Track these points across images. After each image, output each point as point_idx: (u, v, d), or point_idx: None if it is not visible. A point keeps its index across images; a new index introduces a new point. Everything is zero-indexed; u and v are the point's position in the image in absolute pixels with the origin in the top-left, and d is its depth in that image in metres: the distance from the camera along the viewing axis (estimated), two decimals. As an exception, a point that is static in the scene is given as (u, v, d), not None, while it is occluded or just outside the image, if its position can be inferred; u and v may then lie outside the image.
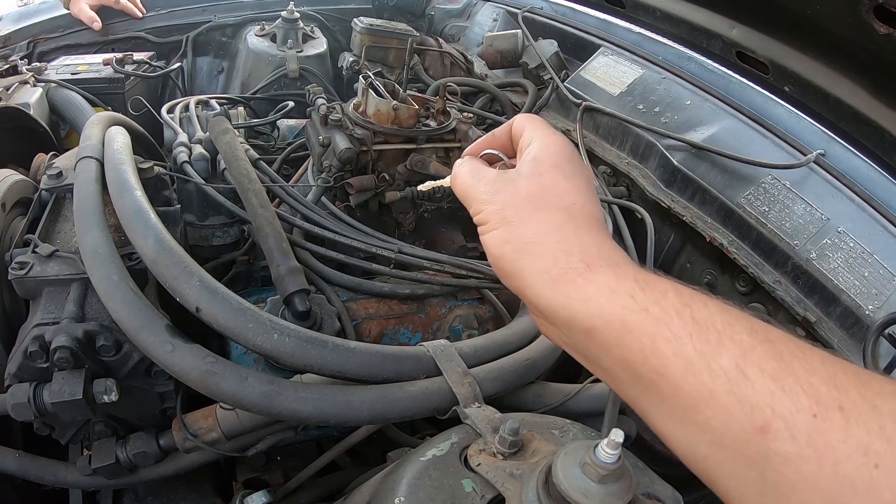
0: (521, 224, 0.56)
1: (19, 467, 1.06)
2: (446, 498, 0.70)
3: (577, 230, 0.54)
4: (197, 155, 1.35)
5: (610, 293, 0.48)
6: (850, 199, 1.31)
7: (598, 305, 0.48)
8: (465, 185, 0.63)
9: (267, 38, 2.28)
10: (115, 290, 0.92)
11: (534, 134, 0.62)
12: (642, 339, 0.46)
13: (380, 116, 1.40)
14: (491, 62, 2.12)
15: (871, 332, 1.07)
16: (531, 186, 0.58)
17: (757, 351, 0.42)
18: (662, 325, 0.45)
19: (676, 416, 0.45)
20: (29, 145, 1.52)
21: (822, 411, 0.38)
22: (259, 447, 1.07)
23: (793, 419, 0.38)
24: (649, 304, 0.46)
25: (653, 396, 0.46)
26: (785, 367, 0.40)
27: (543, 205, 0.56)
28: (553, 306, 0.52)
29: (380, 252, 1.24)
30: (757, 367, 0.41)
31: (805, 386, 0.39)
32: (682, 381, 0.43)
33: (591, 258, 0.52)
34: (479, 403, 0.92)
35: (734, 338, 0.43)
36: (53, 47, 2.18)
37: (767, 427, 0.39)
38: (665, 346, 0.44)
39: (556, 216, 0.55)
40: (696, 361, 0.43)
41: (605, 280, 0.50)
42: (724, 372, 0.42)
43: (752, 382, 0.40)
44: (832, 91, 1.23)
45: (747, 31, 1.36)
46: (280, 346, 0.90)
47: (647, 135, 1.60)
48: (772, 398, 0.39)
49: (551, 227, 0.54)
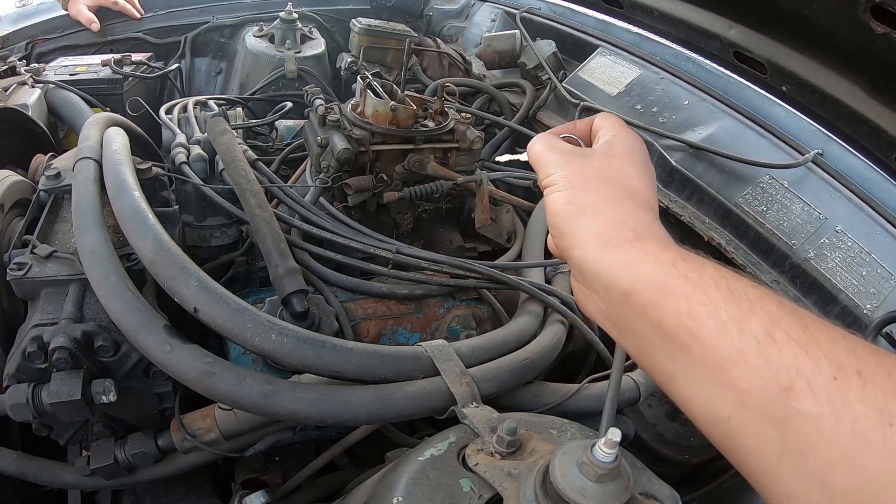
0: (586, 190, 0.61)
1: (18, 468, 1.06)
2: (444, 497, 0.70)
3: (634, 207, 0.59)
4: (195, 156, 1.35)
5: (654, 259, 0.52)
6: (847, 198, 1.31)
7: (641, 269, 0.52)
8: (540, 153, 0.67)
9: (265, 39, 2.28)
10: (114, 291, 0.92)
11: (612, 127, 0.68)
12: (679, 301, 0.49)
13: (378, 117, 1.40)
14: (489, 63, 2.12)
15: (870, 331, 1.07)
16: (601, 163, 0.64)
17: (784, 320, 0.45)
18: (700, 291, 0.48)
19: (704, 377, 0.47)
20: (27, 146, 1.52)
21: (842, 374, 0.40)
22: (257, 447, 1.07)
23: (815, 380, 0.41)
24: (689, 272, 0.50)
25: (682, 358, 0.49)
26: (810, 335, 0.43)
27: (609, 180, 0.62)
28: (598, 267, 0.55)
29: (378, 252, 1.24)
30: (784, 332, 0.44)
31: (827, 352, 0.42)
32: (713, 341, 0.46)
33: (642, 231, 0.56)
34: (477, 403, 0.92)
35: (765, 307, 0.46)
36: (52, 48, 2.18)
37: (791, 386, 0.42)
38: (700, 309, 0.48)
39: (619, 192, 0.61)
40: (729, 324, 0.46)
41: (651, 248, 0.54)
42: (754, 335, 0.44)
43: (778, 346, 0.43)
44: (830, 91, 1.23)
45: (745, 31, 1.36)
46: (278, 347, 0.91)
47: (645, 135, 1.60)
48: (796, 360, 0.42)
49: (612, 199, 0.60)
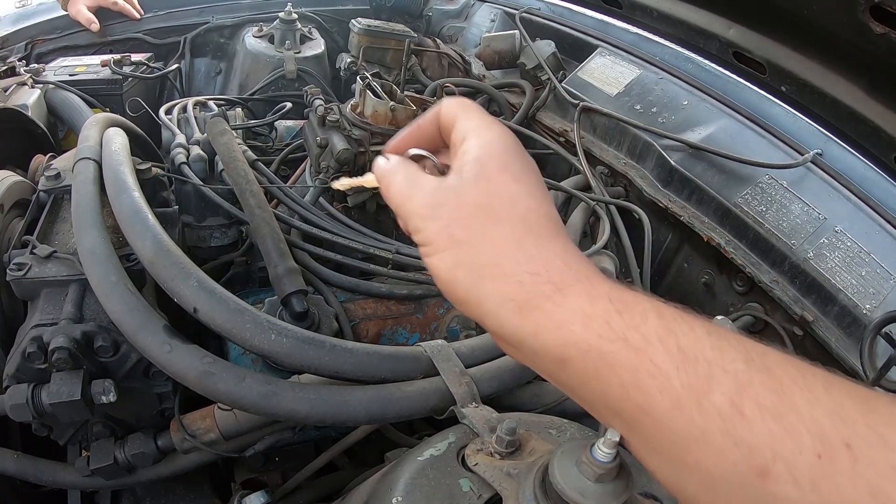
0: (474, 243, 0.48)
1: (18, 468, 1.06)
2: (444, 498, 0.70)
3: (538, 242, 0.48)
4: (195, 156, 1.36)
5: (584, 319, 0.43)
6: (847, 198, 1.31)
7: (571, 333, 0.43)
8: (399, 196, 0.53)
9: (265, 40, 2.28)
10: (113, 291, 0.93)
11: (469, 126, 0.53)
12: (622, 372, 0.41)
13: (377, 117, 1.40)
14: (488, 63, 2.12)
15: (869, 331, 1.07)
16: (479, 195, 0.49)
17: (754, 383, 0.38)
18: (644, 357, 0.40)
19: (663, 455, 0.41)
20: (27, 146, 1.52)
21: (827, 451, 0.35)
22: (257, 448, 1.08)
23: (795, 461, 0.35)
24: (628, 332, 0.41)
25: (636, 433, 0.42)
26: (786, 400, 0.37)
27: (496, 217, 0.49)
28: (520, 335, 0.46)
29: (377, 253, 1.24)
30: (755, 402, 0.37)
31: (808, 422, 0.36)
32: (668, 420, 0.39)
33: (560, 276, 0.46)
34: (476, 403, 0.92)
35: (727, 368, 0.38)
36: (51, 48, 2.17)
37: (767, 471, 0.36)
38: (649, 382, 0.40)
39: (513, 229, 0.48)
40: (685, 398, 0.38)
41: (577, 303, 0.44)
42: (718, 410, 0.37)
43: (749, 421, 0.37)
44: (829, 91, 1.23)
45: (744, 31, 1.36)
46: (278, 347, 0.91)
47: (645, 135, 1.61)
48: (772, 439, 0.36)
49: (509, 244, 0.47)
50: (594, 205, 1.53)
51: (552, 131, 1.86)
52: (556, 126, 1.85)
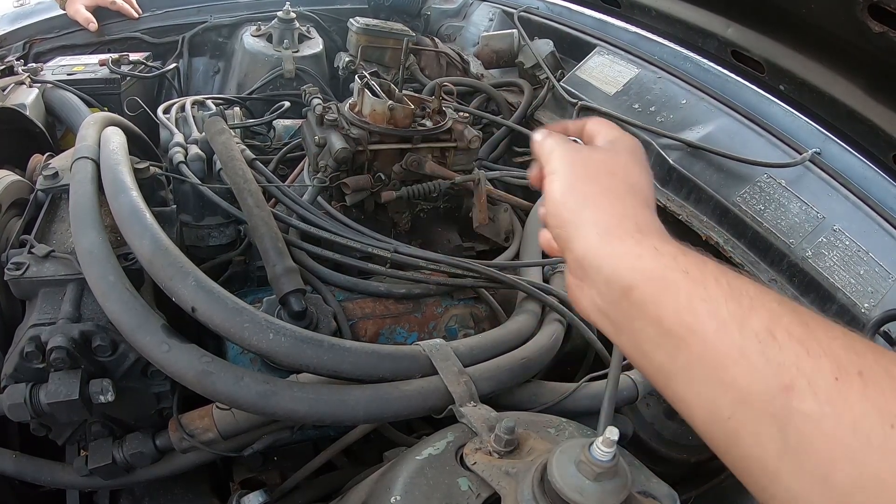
0: (589, 181, 0.61)
1: (16, 468, 1.06)
2: (442, 497, 0.70)
3: (635, 203, 0.59)
4: (193, 155, 1.35)
5: (655, 253, 0.52)
6: (845, 197, 1.31)
7: (642, 262, 0.52)
8: (546, 143, 0.67)
9: (263, 39, 2.28)
10: (111, 291, 0.92)
11: (612, 130, 0.69)
12: (679, 296, 0.48)
13: (375, 116, 1.40)
14: (487, 62, 2.12)
15: (867, 330, 1.08)
16: (605, 157, 0.64)
17: (785, 317, 0.44)
18: (700, 287, 0.48)
19: (703, 375, 0.46)
20: (25, 146, 1.52)
21: (842, 375, 0.40)
22: (255, 447, 1.07)
23: (816, 379, 0.41)
24: (689, 267, 0.49)
25: (681, 356, 0.48)
26: (810, 332, 0.43)
27: (613, 173, 0.61)
28: (599, 258, 0.55)
29: (376, 252, 1.24)
30: (785, 330, 0.43)
31: (828, 350, 0.41)
32: (714, 338, 0.46)
33: (644, 225, 0.56)
34: (474, 402, 0.92)
35: (765, 304, 0.45)
36: (49, 48, 2.17)
37: (792, 385, 0.41)
38: (700, 305, 0.47)
39: (622, 186, 0.61)
40: (729, 321, 0.45)
41: (652, 242, 0.53)
42: (755, 333, 0.44)
43: (780, 344, 0.43)
44: (827, 90, 1.23)
45: (742, 30, 1.37)
46: (276, 346, 0.91)
47: (643, 134, 1.61)
48: (797, 359, 0.42)
49: (615, 192, 0.60)
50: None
51: (551, 130, 1.86)
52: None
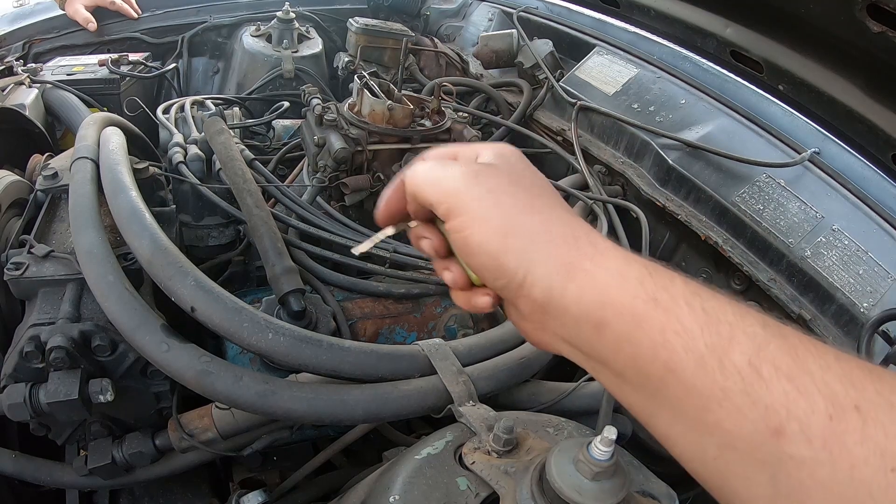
0: (517, 208, 0.49)
1: (16, 468, 1.06)
2: (441, 496, 0.70)
3: (570, 213, 0.51)
4: (192, 155, 1.36)
5: (621, 280, 0.45)
6: (844, 197, 1.31)
7: (609, 295, 0.45)
8: (429, 173, 0.52)
9: (262, 39, 2.28)
10: (111, 291, 0.92)
11: (480, 145, 0.56)
12: (652, 332, 0.43)
13: (375, 116, 1.40)
14: (486, 62, 2.12)
15: (866, 330, 1.07)
16: (512, 173, 0.51)
17: (771, 346, 0.40)
18: (672, 317, 0.42)
19: (686, 418, 0.42)
20: (25, 146, 1.52)
21: (838, 412, 0.36)
22: (255, 447, 1.08)
23: (808, 421, 0.37)
24: (658, 292, 0.43)
25: (662, 398, 0.44)
26: (800, 364, 0.38)
27: (534, 189, 0.51)
28: (566, 300, 0.46)
29: (375, 252, 1.24)
30: (771, 364, 0.39)
31: (820, 385, 0.37)
32: (693, 378, 0.41)
33: (597, 238, 0.48)
34: (473, 402, 0.92)
35: (747, 330, 0.40)
36: (49, 48, 2.17)
37: (782, 429, 0.37)
38: (675, 340, 0.42)
39: (551, 201, 0.51)
40: (708, 357, 0.40)
41: (614, 264, 0.46)
42: (738, 370, 0.39)
43: (766, 382, 0.38)
44: (826, 89, 1.23)
45: (741, 30, 1.36)
46: (275, 346, 0.91)
47: (642, 134, 1.61)
48: (787, 398, 0.38)
49: (552, 211, 0.49)
50: (592, 204, 1.53)
51: (550, 130, 1.86)
52: (553, 125, 1.85)
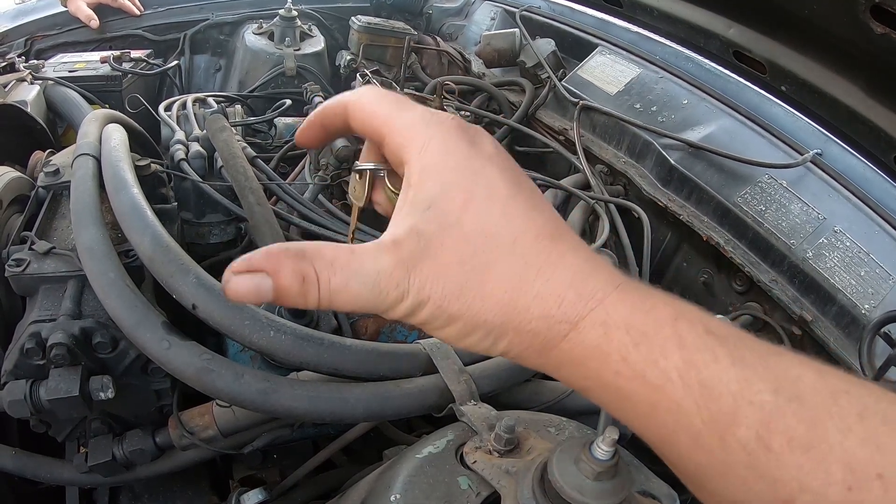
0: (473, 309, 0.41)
1: (16, 465, 1.06)
2: (442, 495, 0.70)
3: (541, 275, 0.41)
4: (194, 153, 1.35)
5: (601, 356, 0.40)
6: (846, 198, 1.31)
7: (588, 371, 0.41)
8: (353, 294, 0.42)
9: (264, 37, 2.27)
10: (112, 288, 0.92)
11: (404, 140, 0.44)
12: (641, 407, 0.39)
13: (377, 115, 1.40)
14: (488, 61, 2.12)
15: (867, 331, 1.07)
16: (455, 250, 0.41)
17: (784, 415, 0.35)
18: (663, 395, 0.38)
19: (686, 478, 0.40)
20: (26, 143, 1.52)
21: (857, 482, 0.33)
22: (255, 445, 1.07)
23: (824, 492, 0.34)
24: (646, 368, 0.38)
25: (660, 453, 0.41)
26: (817, 432, 0.34)
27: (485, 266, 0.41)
28: (545, 370, 0.44)
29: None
30: (783, 435, 0.35)
31: (839, 454, 0.34)
32: (690, 453, 0.38)
33: (573, 309, 0.40)
34: (475, 401, 0.92)
35: (753, 400, 0.36)
36: (51, 45, 2.17)
37: (792, 502, 0.35)
38: (668, 418, 0.38)
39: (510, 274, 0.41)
40: (706, 434, 0.37)
41: (593, 339, 0.40)
42: (743, 445, 0.35)
43: (776, 455, 0.35)
44: (829, 91, 1.23)
45: (744, 30, 1.36)
46: (276, 344, 0.90)
47: (644, 134, 1.61)
48: (800, 472, 0.34)
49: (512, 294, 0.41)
50: (593, 203, 1.53)
51: (552, 130, 1.86)
52: (555, 124, 1.85)
